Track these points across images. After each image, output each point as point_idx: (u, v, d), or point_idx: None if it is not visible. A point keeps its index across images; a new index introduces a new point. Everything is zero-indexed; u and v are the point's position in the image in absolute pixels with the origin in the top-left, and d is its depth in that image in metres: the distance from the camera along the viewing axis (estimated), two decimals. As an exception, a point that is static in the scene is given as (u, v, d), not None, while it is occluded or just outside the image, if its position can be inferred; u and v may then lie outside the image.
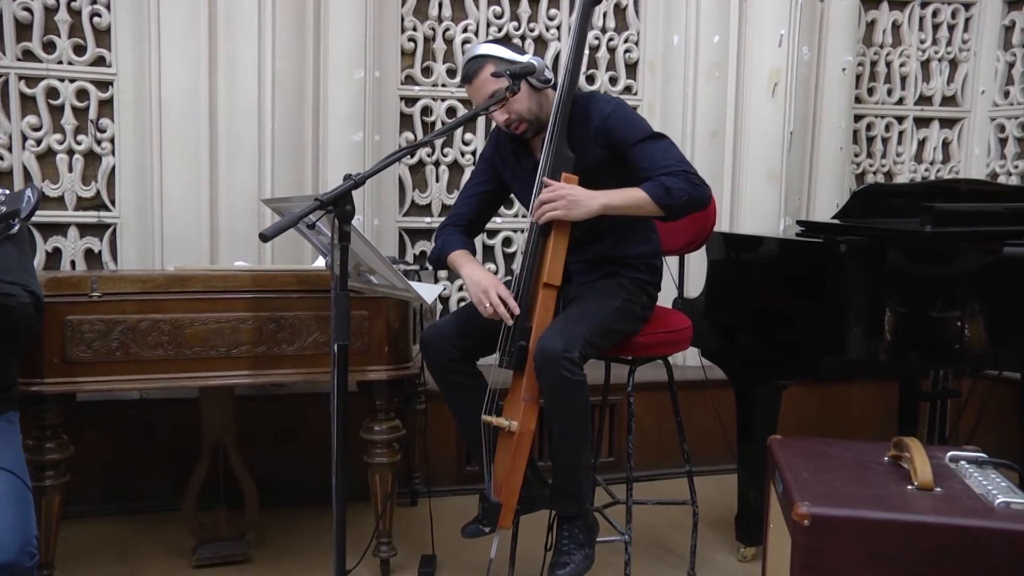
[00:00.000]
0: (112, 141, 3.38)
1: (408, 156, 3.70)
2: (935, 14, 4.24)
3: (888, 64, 4.21)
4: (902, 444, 1.97)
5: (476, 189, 2.67)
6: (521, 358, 2.31)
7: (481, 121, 3.78)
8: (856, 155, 4.21)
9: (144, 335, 2.42)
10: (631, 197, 2.30)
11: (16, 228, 1.65)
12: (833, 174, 3.99)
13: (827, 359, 2.60)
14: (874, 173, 4.25)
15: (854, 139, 4.17)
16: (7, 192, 1.72)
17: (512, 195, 2.69)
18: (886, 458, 2.00)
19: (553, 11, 3.82)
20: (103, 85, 3.37)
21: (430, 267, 2.85)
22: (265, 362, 2.51)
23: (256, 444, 3.08)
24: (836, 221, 3.14)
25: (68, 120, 3.35)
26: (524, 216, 3.76)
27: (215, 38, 3.31)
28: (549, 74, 2.42)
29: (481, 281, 2.37)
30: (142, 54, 3.30)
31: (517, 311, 2.32)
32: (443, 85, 3.74)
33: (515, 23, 3.79)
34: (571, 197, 2.28)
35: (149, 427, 3.19)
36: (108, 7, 3.34)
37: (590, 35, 3.84)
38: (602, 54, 3.90)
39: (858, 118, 4.18)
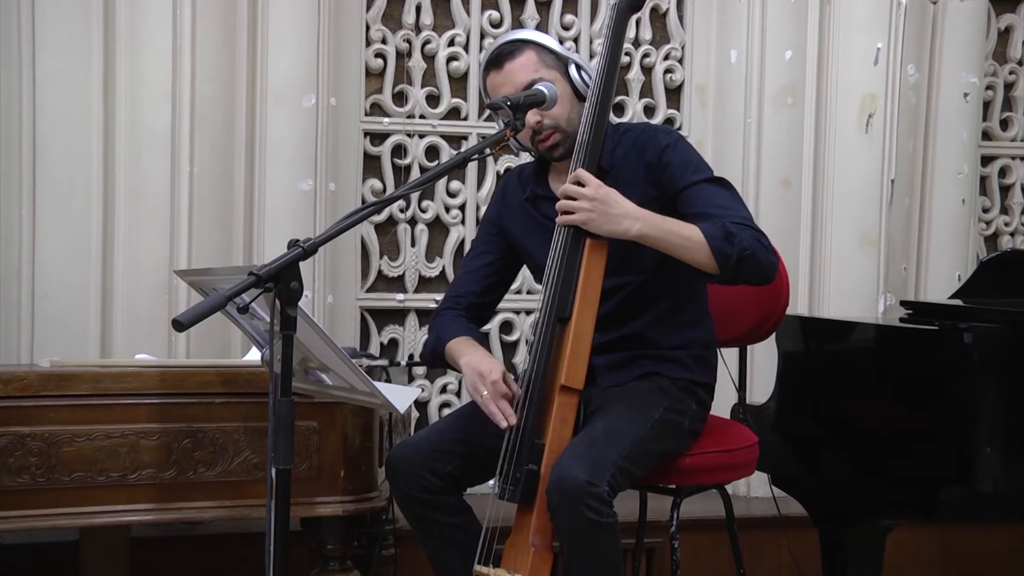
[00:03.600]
0: (-36, 190, 3.43)
1: (375, 212, 3.72)
2: (1098, 16, 4.28)
3: (1029, 87, 4.28)
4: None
5: (479, 261, 2.72)
6: (530, 487, 2.28)
7: (473, 166, 3.82)
8: (985, 210, 4.26)
9: (2, 456, 2.42)
10: (679, 231, 2.34)
11: None
12: (952, 237, 4.02)
13: (948, 491, 2.60)
14: (1011, 235, 4.28)
15: (981, 189, 4.22)
16: None
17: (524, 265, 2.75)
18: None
19: (569, 17, 3.91)
20: (-50, 115, 3.42)
21: (400, 363, 2.87)
22: (175, 492, 2.51)
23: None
24: (957, 301, 3.17)
25: (-100, 161, 3.39)
26: (531, 292, 3.79)
27: (112, 52, 3.36)
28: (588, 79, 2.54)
29: (479, 365, 2.39)
30: (9, 73, 3.33)
31: (513, 420, 2.31)
32: (422, 116, 3.80)
33: (519, 33, 3.87)
34: (603, 204, 2.31)
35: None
36: (-41, 10, 3.39)
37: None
38: (635, 75, 3.96)
39: (987, 160, 4.24)
